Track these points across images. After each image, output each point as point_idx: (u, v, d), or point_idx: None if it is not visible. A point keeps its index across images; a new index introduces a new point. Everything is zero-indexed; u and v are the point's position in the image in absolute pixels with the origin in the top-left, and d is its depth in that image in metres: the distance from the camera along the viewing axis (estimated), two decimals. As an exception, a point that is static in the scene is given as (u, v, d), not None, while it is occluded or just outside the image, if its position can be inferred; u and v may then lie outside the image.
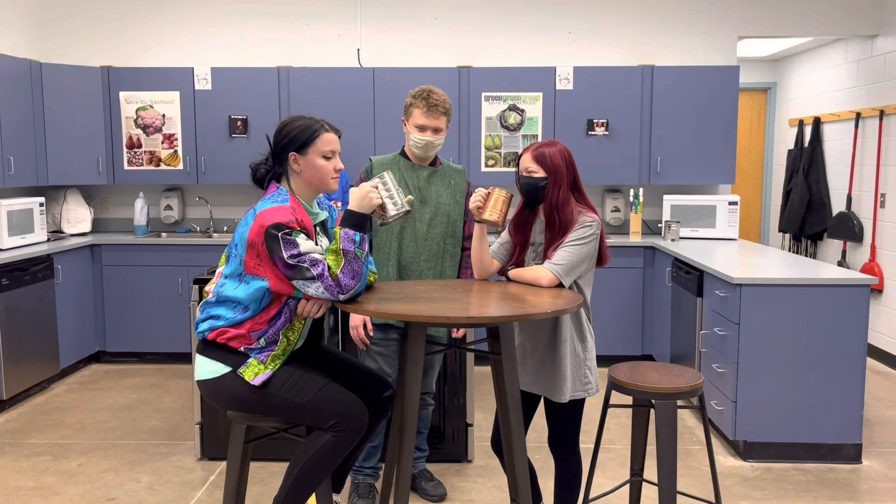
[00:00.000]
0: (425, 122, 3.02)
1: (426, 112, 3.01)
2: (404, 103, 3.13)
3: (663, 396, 2.54)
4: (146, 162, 5.79)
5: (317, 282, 2.22)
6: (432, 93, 3.04)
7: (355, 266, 2.24)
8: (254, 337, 2.33)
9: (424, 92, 3.04)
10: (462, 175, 3.23)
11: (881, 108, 5.78)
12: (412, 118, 3.05)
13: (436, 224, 3.11)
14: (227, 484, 2.49)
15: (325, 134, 2.38)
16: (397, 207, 2.34)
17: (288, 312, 2.35)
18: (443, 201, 3.13)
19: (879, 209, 5.88)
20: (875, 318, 5.92)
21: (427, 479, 3.44)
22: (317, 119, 2.41)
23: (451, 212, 3.14)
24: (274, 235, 2.22)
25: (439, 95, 3.04)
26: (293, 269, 2.22)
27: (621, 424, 4.45)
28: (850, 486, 3.61)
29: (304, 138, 2.36)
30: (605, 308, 5.55)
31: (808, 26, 5.95)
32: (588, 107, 5.70)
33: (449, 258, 3.16)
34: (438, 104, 3.02)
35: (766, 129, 8.06)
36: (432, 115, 3.02)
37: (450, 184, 3.17)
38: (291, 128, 2.37)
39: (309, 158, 2.36)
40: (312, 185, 2.40)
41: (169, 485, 3.61)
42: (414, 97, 3.06)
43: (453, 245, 3.17)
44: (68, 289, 5.31)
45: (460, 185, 3.20)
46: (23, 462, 3.88)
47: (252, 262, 2.29)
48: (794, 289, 3.75)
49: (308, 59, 6.04)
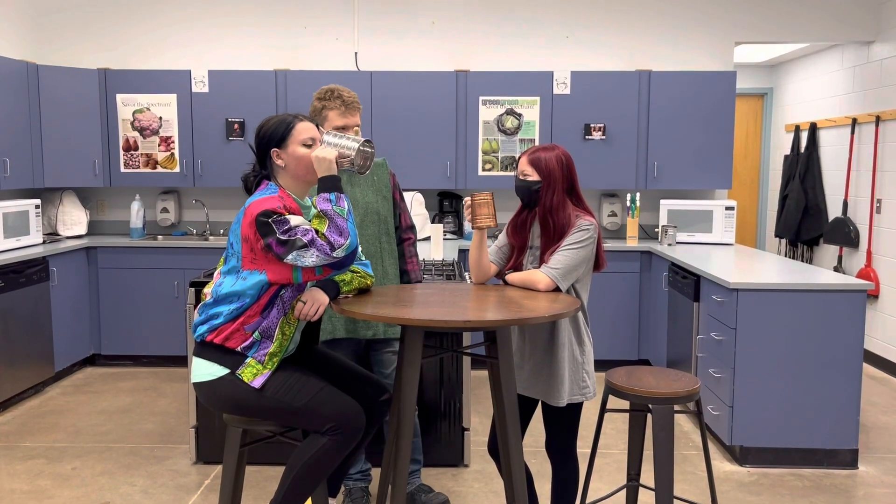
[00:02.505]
0: (346, 121, 2.92)
1: (345, 112, 2.91)
2: (311, 109, 2.97)
3: (660, 401, 2.54)
4: (143, 164, 5.78)
5: (310, 248, 2.24)
6: (341, 90, 2.92)
7: (339, 222, 2.27)
8: (248, 331, 2.33)
9: (335, 92, 2.92)
10: (384, 168, 3.13)
11: (877, 114, 5.80)
12: (328, 122, 2.91)
13: (367, 225, 3.05)
14: (223, 488, 2.48)
15: (299, 124, 2.43)
16: (352, 147, 2.38)
17: (281, 304, 2.36)
18: (369, 200, 3.06)
19: (875, 215, 5.89)
20: (871, 323, 5.93)
21: (426, 492, 3.41)
22: (290, 113, 2.47)
23: (380, 209, 3.07)
24: (265, 222, 2.26)
25: (349, 92, 2.93)
26: (287, 244, 2.24)
27: (618, 429, 4.44)
28: (847, 491, 3.61)
29: (280, 132, 2.41)
30: (602, 312, 5.55)
31: (805, 32, 5.97)
32: (585, 111, 5.70)
33: (388, 256, 3.10)
34: (354, 101, 2.92)
35: (763, 135, 8.08)
36: (350, 114, 2.92)
37: (373, 181, 3.09)
38: (267, 127, 2.43)
39: (290, 150, 2.41)
40: (299, 176, 2.43)
41: (164, 488, 3.59)
42: (325, 99, 2.92)
43: (389, 242, 3.11)
44: (63, 291, 5.29)
45: (384, 178, 3.11)
46: (17, 465, 3.86)
47: (248, 256, 2.31)
48: (790, 294, 3.76)
49: (305, 63, 6.04)
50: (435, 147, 5.70)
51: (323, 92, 2.94)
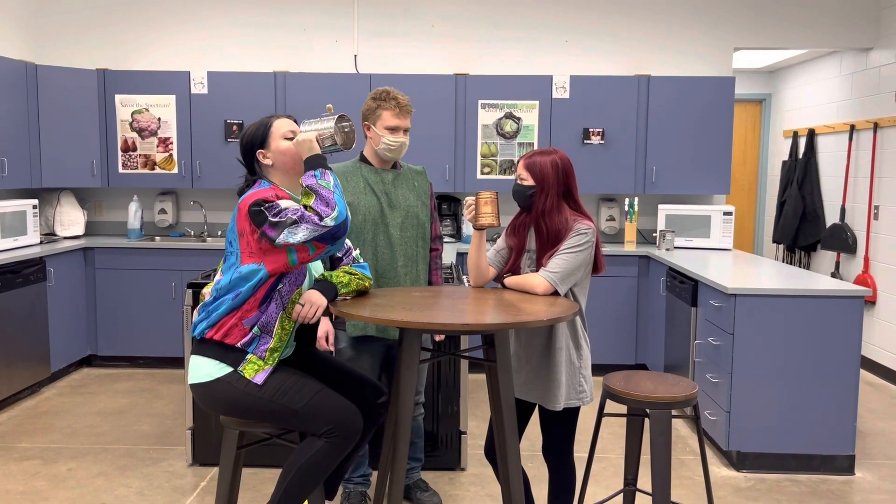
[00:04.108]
0: (398, 123, 3.02)
1: (398, 113, 3.01)
2: (365, 107, 3.08)
3: (658, 406, 2.53)
4: (141, 165, 5.77)
5: (300, 224, 2.25)
6: (396, 93, 3.04)
7: (324, 193, 2.28)
8: (246, 325, 2.34)
9: (390, 93, 3.03)
10: (423, 176, 3.21)
11: (875, 121, 5.81)
12: (381, 120, 3.02)
13: (407, 227, 3.09)
14: (219, 490, 2.48)
15: (277, 121, 2.49)
16: (328, 126, 2.40)
17: (279, 298, 2.36)
18: (411, 204, 3.11)
19: (873, 221, 5.90)
20: (868, 329, 5.93)
21: (422, 490, 3.42)
22: (266, 116, 2.54)
23: (419, 213, 3.12)
24: (257, 210, 2.28)
25: (403, 96, 3.05)
26: (278, 225, 2.25)
27: (615, 434, 4.44)
28: (843, 497, 3.61)
29: (261, 133, 2.47)
30: (599, 317, 5.55)
31: (804, 39, 5.98)
32: (584, 116, 5.71)
33: (422, 261, 3.14)
34: (407, 104, 3.04)
35: (761, 140, 8.09)
36: (403, 116, 3.03)
37: (413, 185, 3.15)
38: (248, 133, 2.50)
39: (273, 147, 2.46)
40: (288, 169, 2.46)
41: (160, 490, 3.58)
42: (380, 99, 3.03)
43: (424, 248, 3.14)
44: (60, 292, 5.28)
45: (423, 186, 3.18)
46: (12, 466, 3.85)
47: (246, 251, 2.32)
48: (788, 300, 3.76)
49: (305, 65, 6.04)
50: (434, 150, 5.70)
51: (378, 93, 3.04)
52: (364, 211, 3.02)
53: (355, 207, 3.03)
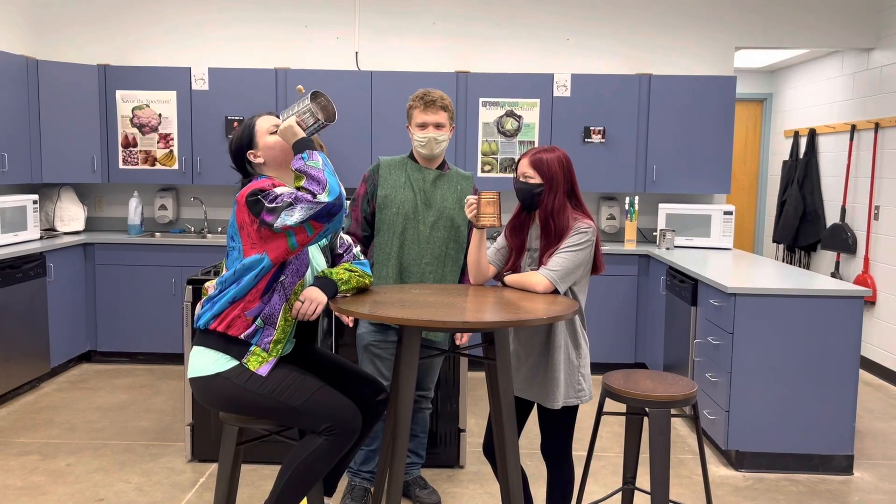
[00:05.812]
0: (425, 118, 3.09)
1: (424, 109, 3.08)
2: (406, 109, 3.19)
3: (657, 405, 2.53)
4: (141, 161, 5.77)
5: (295, 205, 2.26)
6: (429, 91, 3.12)
7: (313, 173, 2.30)
8: (249, 317, 2.34)
9: (421, 92, 3.13)
10: (469, 181, 3.24)
11: (876, 121, 5.81)
12: (413, 119, 3.12)
13: (438, 227, 3.12)
14: (218, 486, 2.48)
15: (259, 119, 2.52)
16: (304, 105, 2.42)
17: (282, 290, 2.36)
18: (447, 205, 3.14)
19: (873, 221, 5.90)
20: (868, 330, 5.93)
21: (421, 487, 3.42)
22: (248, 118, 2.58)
23: (454, 216, 3.15)
24: (254, 200, 2.30)
25: (436, 93, 3.12)
26: (275, 210, 2.27)
27: (614, 433, 4.44)
28: (842, 497, 3.61)
29: (247, 135, 2.51)
30: (599, 315, 5.55)
31: (805, 38, 5.98)
32: (585, 114, 5.71)
33: (451, 262, 3.16)
34: (436, 100, 3.10)
35: (762, 140, 8.09)
36: (430, 111, 3.08)
37: (456, 188, 3.19)
38: (235, 137, 2.54)
39: (261, 144, 2.49)
40: (279, 162, 2.49)
41: (158, 486, 3.59)
42: (412, 99, 3.14)
43: (456, 250, 3.17)
44: (60, 287, 5.28)
45: (467, 190, 3.22)
46: (11, 461, 3.85)
47: (248, 242, 2.33)
48: (788, 299, 3.76)
49: (306, 61, 6.03)
50: (434, 148, 5.70)
51: (414, 94, 3.16)
52: (398, 204, 3.09)
53: (391, 200, 3.10)
